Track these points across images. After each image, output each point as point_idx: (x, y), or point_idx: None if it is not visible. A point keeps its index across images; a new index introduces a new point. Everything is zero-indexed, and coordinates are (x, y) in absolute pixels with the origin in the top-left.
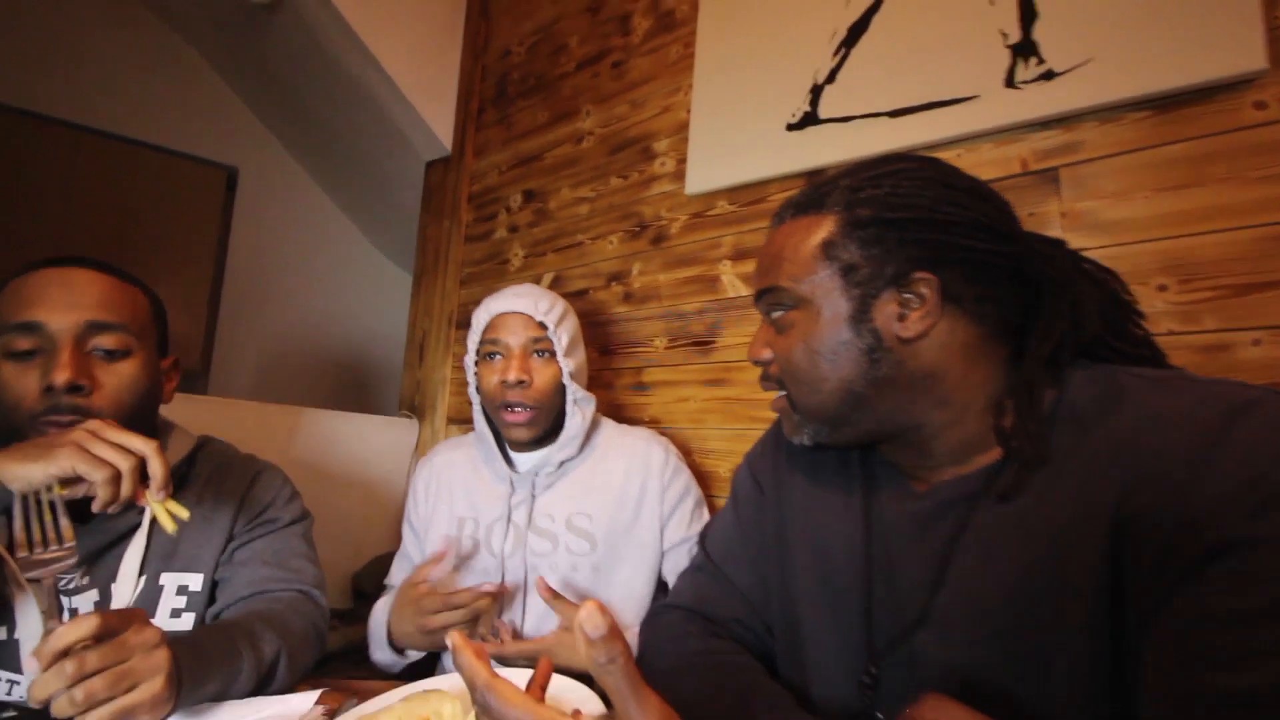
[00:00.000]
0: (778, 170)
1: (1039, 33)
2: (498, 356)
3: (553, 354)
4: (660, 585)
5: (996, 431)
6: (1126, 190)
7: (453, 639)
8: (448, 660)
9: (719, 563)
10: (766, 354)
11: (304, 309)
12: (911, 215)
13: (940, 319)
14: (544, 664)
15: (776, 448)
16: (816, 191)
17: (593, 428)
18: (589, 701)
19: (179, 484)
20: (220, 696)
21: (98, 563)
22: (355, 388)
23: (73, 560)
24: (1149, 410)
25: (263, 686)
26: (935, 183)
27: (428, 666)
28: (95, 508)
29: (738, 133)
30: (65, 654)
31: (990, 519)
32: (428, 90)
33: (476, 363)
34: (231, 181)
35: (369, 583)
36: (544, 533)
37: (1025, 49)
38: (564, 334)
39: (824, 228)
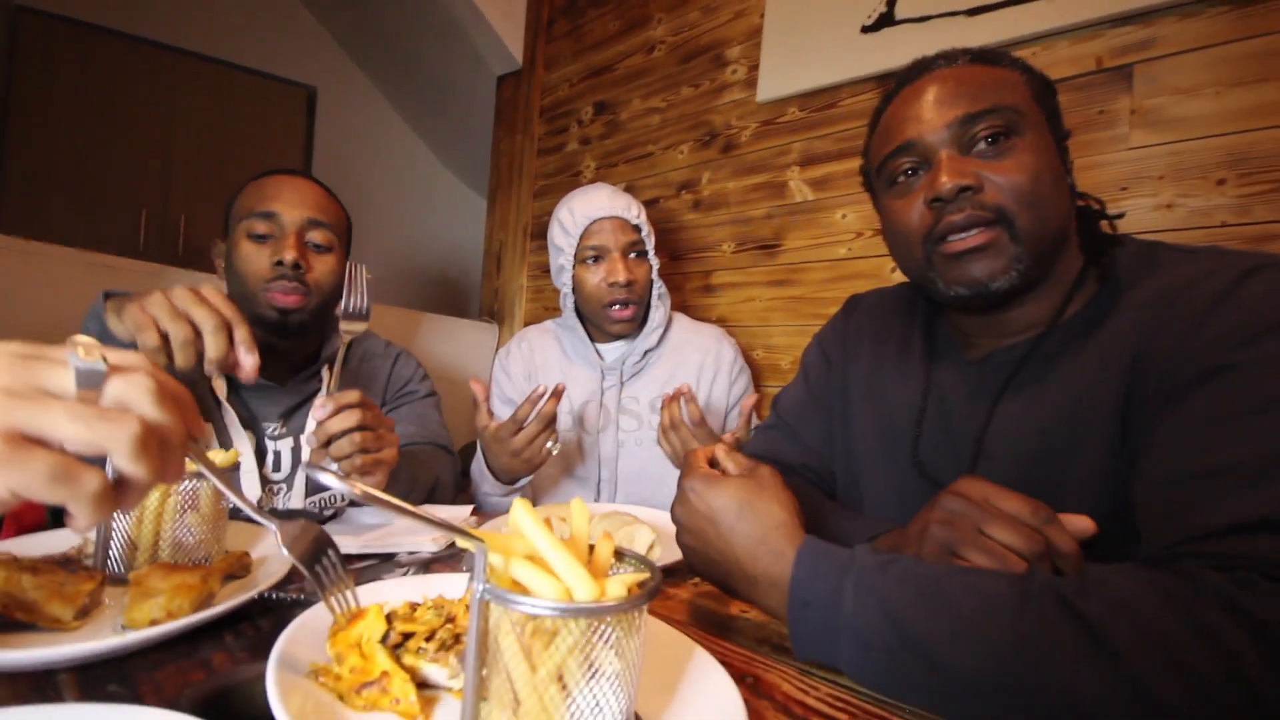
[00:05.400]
0: (850, 74)
1: None
2: (600, 260)
3: (644, 253)
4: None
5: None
6: (1197, 86)
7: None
8: None
9: (791, 422)
10: (971, 179)
11: (382, 224)
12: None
13: None
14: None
15: (845, 325)
16: (987, 50)
17: (669, 321)
18: (643, 534)
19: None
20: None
21: (292, 417)
22: (430, 303)
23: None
24: (1178, 274)
25: None
26: None
27: None
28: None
29: (812, 37)
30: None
31: (1033, 373)
32: (499, 1)
33: (574, 265)
34: (311, 101)
35: None
36: (632, 414)
37: None
38: (651, 234)
39: (1019, 77)
